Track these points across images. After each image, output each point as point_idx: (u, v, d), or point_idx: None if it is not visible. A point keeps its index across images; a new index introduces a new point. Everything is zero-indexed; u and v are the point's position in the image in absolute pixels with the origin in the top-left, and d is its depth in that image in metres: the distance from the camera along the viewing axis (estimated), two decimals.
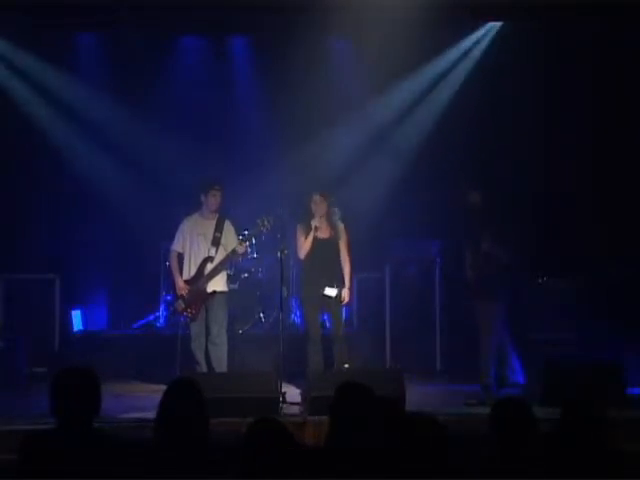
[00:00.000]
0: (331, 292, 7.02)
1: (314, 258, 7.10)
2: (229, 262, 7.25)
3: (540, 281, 8.31)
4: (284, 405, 6.22)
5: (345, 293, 7.11)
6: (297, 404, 6.37)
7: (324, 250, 7.09)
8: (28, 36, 8.45)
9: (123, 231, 8.98)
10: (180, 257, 7.17)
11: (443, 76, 9.16)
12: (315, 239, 7.08)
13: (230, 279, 7.63)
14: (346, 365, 7.24)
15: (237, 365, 7.55)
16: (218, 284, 7.09)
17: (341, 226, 7.23)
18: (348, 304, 7.47)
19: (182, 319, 7.21)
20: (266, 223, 7.02)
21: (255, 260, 8.76)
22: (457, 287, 7.90)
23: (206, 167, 8.31)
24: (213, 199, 7.08)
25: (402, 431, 3.02)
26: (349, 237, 7.27)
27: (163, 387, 3.50)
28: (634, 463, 3.31)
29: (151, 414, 3.47)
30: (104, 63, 8.96)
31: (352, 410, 3.32)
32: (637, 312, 7.93)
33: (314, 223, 7.04)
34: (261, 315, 8.68)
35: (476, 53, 9.01)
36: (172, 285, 7.31)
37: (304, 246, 7.09)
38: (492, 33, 8.92)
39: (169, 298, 8.41)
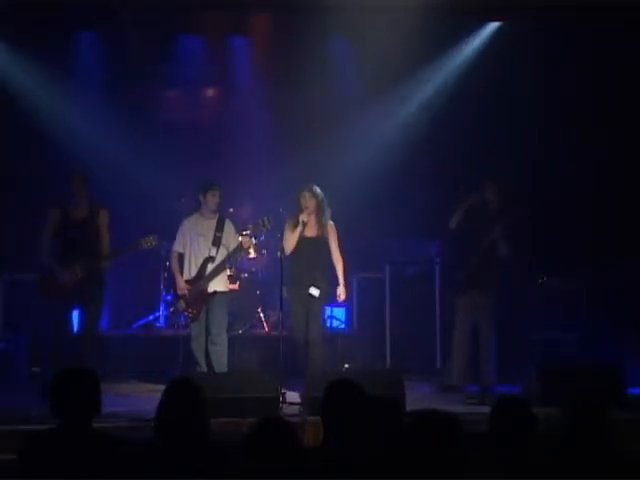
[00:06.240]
0: (314, 292, 6.87)
1: (300, 256, 6.92)
2: (231, 260, 7.24)
3: (540, 281, 8.31)
4: (284, 405, 6.21)
5: (341, 291, 6.99)
6: (297, 404, 6.36)
7: (310, 249, 6.92)
8: (28, 35, 8.44)
9: (123, 231, 8.96)
10: (181, 257, 7.16)
11: (442, 76, 9.16)
12: (301, 237, 6.92)
13: (230, 279, 7.63)
14: (346, 365, 7.24)
15: (237, 365, 7.55)
16: (219, 284, 7.08)
17: (331, 224, 7.02)
18: (345, 302, 7.44)
19: (182, 319, 7.22)
20: (266, 223, 7.02)
21: (255, 260, 8.76)
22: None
23: (206, 167, 8.30)
24: (212, 199, 7.06)
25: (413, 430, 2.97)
26: (339, 236, 7.07)
27: (163, 387, 3.50)
28: (634, 463, 3.31)
29: (151, 414, 3.47)
30: (104, 62, 8.95)
31: (341, 409, 3.31)
32: (637, 312, 7.93)
33: (302, 218, 6.87)
34: (261, 315, 8.68)
35: (476, 53, 9.02)
36: (173, 285, 7.30)
37: (290, 242, 6.93)
38: (492, 33, 8.93)
39: (169, 298, 8.41)
